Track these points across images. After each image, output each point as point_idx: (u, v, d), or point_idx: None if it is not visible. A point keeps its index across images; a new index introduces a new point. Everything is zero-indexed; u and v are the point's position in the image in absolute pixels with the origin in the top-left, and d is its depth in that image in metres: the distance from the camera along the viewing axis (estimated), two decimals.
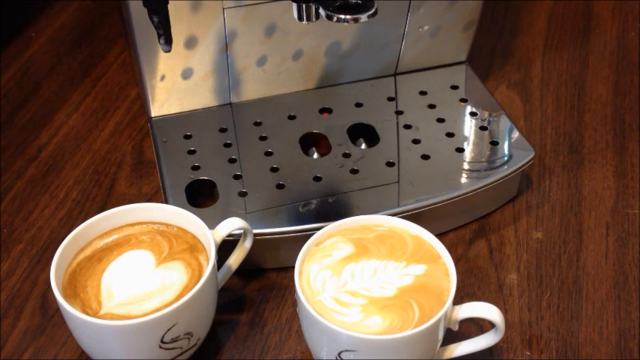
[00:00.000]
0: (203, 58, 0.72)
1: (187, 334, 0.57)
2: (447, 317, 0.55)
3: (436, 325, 0.53)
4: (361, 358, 0.54)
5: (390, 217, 0.61)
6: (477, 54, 0.89)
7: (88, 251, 0.60)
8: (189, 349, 0.59)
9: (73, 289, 0.57)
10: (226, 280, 0.64)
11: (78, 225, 0.60)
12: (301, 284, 0.56)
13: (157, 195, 0.74)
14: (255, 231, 0.64)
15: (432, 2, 0.75)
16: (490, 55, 0.91)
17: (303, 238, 0.59)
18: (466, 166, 0.71)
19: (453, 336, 0.58)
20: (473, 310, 0.56)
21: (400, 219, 0.61)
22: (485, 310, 0.56)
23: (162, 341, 0.55)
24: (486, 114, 0.77)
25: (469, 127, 0.76)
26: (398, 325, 0.54)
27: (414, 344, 0.54)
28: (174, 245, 0.60)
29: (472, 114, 0.77)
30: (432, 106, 0.78)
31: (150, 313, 0.54)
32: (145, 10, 0.59)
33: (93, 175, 0.77)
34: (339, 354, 0.54)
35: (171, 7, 0.60)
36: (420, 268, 0.57)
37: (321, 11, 0.62)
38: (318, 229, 0.60)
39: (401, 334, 0.52)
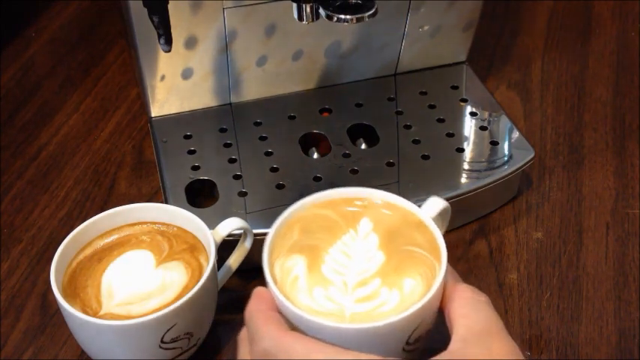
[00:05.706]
0: (203, 58, 0.72)
1: (187, 334, 0.57)
2: None
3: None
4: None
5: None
6: (477, 54, 0.89)
7: (88, 251, 0.60)
8: (189, 349, 0.58)
9: (73, 289, 0.57)
10: (226, 280, 0.64)
11: (78, 225, 0.60)
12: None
13: (157, 195, 0.74)
14: (255, 231, 0.64)
15: (432, 2, 0.75)
16: (490, 55, 0.91)
17: None
18: (466, 166, 0.71)
19: None
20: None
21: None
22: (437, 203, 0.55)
23: (162, 341, 0.55)
24: (486, 114, 0.77)
25: (469, 127, 0.76)
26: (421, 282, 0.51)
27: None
28: (175, 245, 0.60)
29: (472, 114, 0.77)
30: (432, 106, 0.78)
31: (150, 313, 0.54)
32: (145, 10, 0.59)
33: (93, 175, 0.77)
34: None
35: (171, 7, 0.60)
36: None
37: (321, 11, 0.62)
38: None
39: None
